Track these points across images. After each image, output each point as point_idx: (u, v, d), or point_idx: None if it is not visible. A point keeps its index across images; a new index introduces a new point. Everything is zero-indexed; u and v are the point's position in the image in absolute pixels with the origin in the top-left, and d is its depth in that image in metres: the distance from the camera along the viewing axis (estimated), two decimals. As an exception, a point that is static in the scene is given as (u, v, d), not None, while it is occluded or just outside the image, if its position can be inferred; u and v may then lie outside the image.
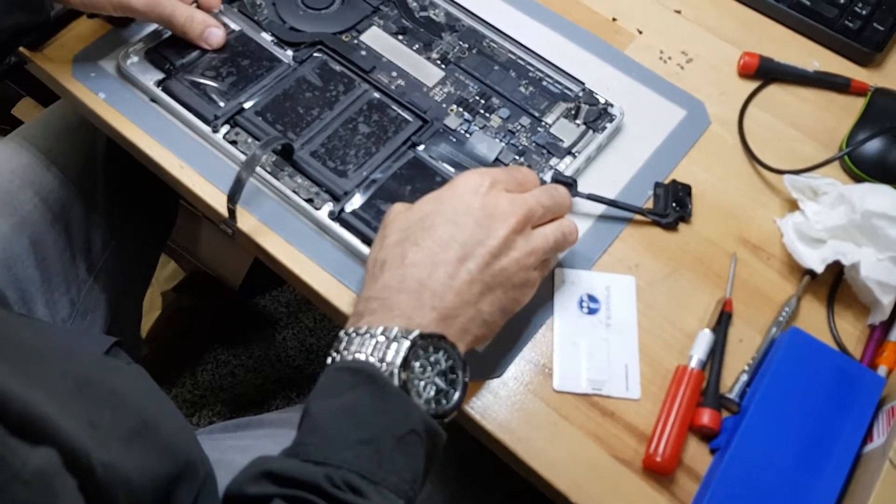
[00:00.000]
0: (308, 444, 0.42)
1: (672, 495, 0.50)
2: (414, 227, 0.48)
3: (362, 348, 0.44)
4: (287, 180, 0.58)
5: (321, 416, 0.43)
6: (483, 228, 0.48)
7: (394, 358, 0.44)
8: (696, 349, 0.54)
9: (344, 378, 0.44)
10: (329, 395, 0.43)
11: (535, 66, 0.65)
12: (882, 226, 0.54)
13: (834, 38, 0.70)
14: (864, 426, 0.51)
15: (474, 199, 0.49)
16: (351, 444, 0.41)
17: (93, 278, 0.74)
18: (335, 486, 0.39)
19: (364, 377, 0.43)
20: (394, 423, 0.42)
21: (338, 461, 0.41)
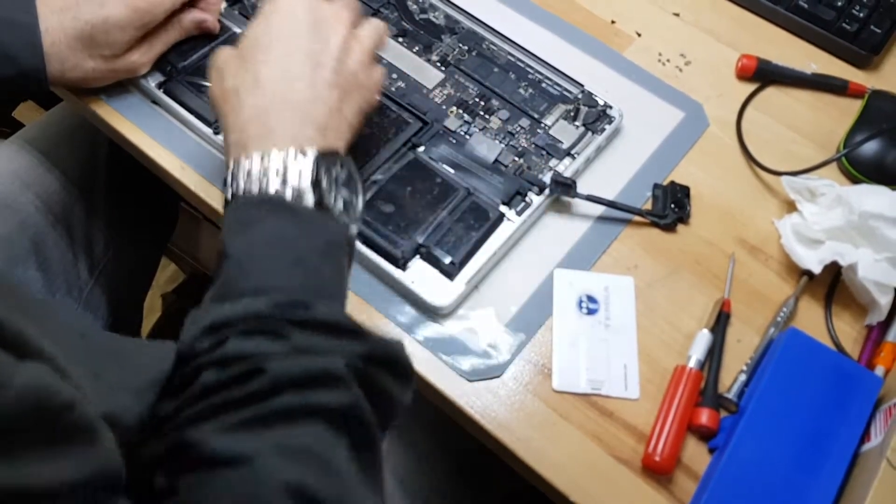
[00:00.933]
0: (239, 282, 0.42)
1: (671, 494, 0.51)
2: (251, 51, 0.48)
3: (258, 179, 0.44)
4: (287, 181, 0.58)
5: (242, 254, 0.42)
6: (319, 36, 0.49)
7: (299, 180, 0.44)
8: (694, 349, 0.55)
9: (250, 213, 0.43)
10: (241, 232, 0.43)
11: (535, 69, 0.65)
12: (879, 226, 0.55)
13: (831, 40, 0.70)
14: (861, 426, 0.51)
15: (299, 11, 0.49)
16: (282, 269, 0.42)
17: (94, 280, 0.75)
18: (283, 307, 0.40)
19: (271, 206, 0.43)
20: (311, 240, 0.43)
21: (277, 285, 0.41)
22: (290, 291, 0.41)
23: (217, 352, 0.39)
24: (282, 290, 0.41)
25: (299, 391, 0.38)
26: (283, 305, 0.40)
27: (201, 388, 0.38)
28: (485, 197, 0.58)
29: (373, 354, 0.41)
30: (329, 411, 0.38)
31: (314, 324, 0.40)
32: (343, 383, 0.39)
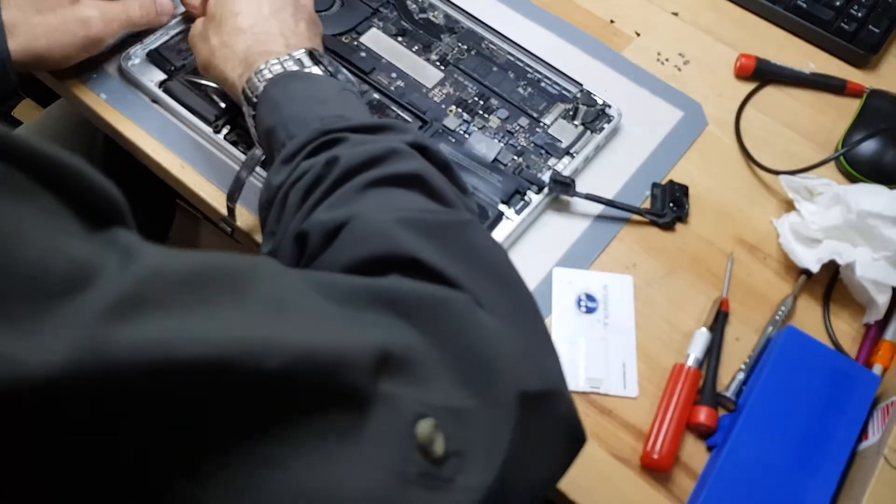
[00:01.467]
0: (289, 131, 0.46)
1: (669, 492, 0.51)
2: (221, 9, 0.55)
3: (273, 67, 0.50)
4: (287, 180, 0.59)
5: (281, 119, 0.47)
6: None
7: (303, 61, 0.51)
8: (693, 348, 0.55)
9: (273, 93, 0.49)
10: (274, 107, 0.48)
11: (534, 68, 0.66)
12: (877, 225, 0.55)
13: (830, 40, 0.70)
14: (859, 424, 0.51)
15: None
16: (316, 109, 0.47)
17: None
18: (328, 123, 0.44)
19: (289, 77, 0.49)
20: (332, 88, 0.49)
21: (318, 118, 0.46)
22: (330, 116, 0.46)
23: (292, 175, 0.43)
24: (323, 119, 0.46)
25: (375, 167, 0.41)
26: (329, 122, 0.45)
27: (293, 197, 0.42)
28: (484, 196, 0.58)
29: (417, 141, 0.44)
30: (406, 176, 0.41)
31: (361, 127, 0.44)
32: (409, 155, 0.42)
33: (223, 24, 0.54)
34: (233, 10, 0.55)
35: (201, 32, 0.56)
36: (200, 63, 0.56)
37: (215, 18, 0.55)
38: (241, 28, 0.54)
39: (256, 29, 0.54)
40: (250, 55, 0.53)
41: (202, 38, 0.56)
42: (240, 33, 0.54)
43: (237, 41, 0.54)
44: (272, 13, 0.55)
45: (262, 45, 0.53)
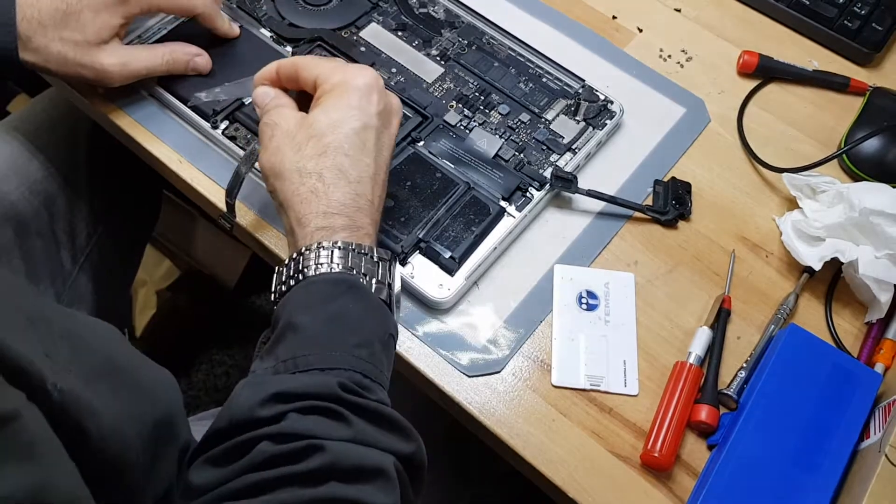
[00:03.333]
0: (308, 355, 0.43)
1: (669, 491, 0.50)
2: (328, 134, 0.49)
3: (340, 260, 0.47)
4: (286, 175, 0.58)
5: (313, 327, 0.44)
6: (385, 144, 0.51)
7: (384, 276, 0.48)
8: (694, 346, 0.54)
9: (326, 289, 0.46)
10: (314, 306, 0.45)
11: (535, 63, 0.65)
12: (880, 223, 0.55)
13: (833, 37, 0.70)
14: (860, 422, 0.51)
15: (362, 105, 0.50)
16: (349, 348, 0.44)
17: (78, 269, 0.74)
18: (347, 391, 0.41)
19: (346, 287, 0.46)
20: (378, 328, 0.46)
21: (344, 365, 0.43)
22: (355, 374, 0.43)
23: (278, 425, 0.40)
24: (349, 371, 0.43)
25: (351, 482, 0.39)
26: (348, 386, 0.42)
27: (258, 458, 0.39)
28: (485, 192, 0.58)
29: (414, 458, 0.43)
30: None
31: (373, 413, 0.42)
32: (391, 484, 0.40)
33: (329, 144, 0.49)
34: (345, 137, 0.49)
35: (291, 132, 0.50)
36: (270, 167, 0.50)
37: (317, 127, 0.49)
38: (353, 177, 0.48)
39: (360, 188, 0.49)
40: (336, 217, 0.48)
41: (289, 139, 0.49)
42: (343, 177, 0.48)
43: (339, 185, 0.48)
44: (382, 178, 0.50)
45: (353, 219, 0.48)
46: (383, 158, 0.51)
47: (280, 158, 0.49)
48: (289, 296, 0.47)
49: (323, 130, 0.49)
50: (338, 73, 0.51)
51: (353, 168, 0.49)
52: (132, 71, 0.58)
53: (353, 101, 0.50)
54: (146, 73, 0.59)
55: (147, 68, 0.59)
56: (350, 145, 0.49)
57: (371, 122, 0.50)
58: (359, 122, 0.49)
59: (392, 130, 0.52)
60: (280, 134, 0.50)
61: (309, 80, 0.52)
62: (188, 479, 0.40)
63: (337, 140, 0.49)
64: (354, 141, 0.49)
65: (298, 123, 0.50)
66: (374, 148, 0.50)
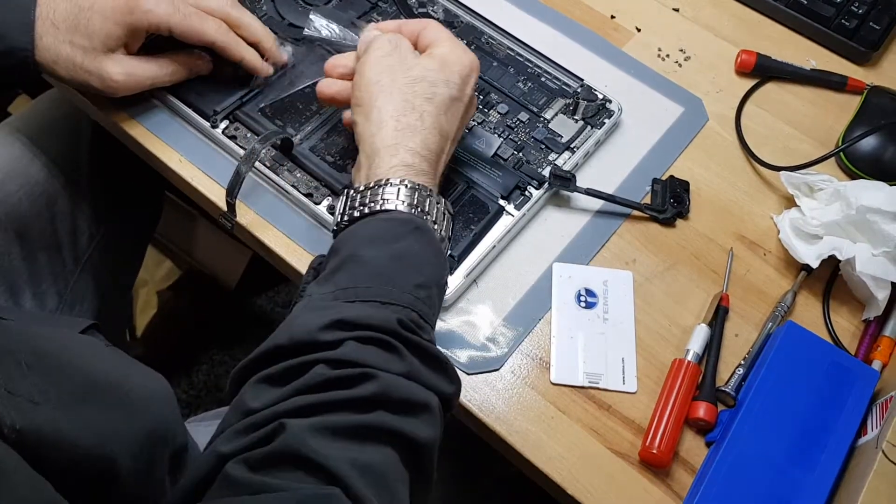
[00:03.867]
0: (370, 287, 0.44)
1: (667, 487, 0.51)
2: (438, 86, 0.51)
3: (417, 201, 0.48)
4: (286, 175, 0.58)
5: (379, 261, 0.45)
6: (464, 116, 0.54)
7: (447, 229, 0.50)
8: (692, 343, 0.55)
9: (395, 228, 0.47)
10: (382, 242, 0.46)
11: (534, 63, 0.65)
12: (877, 221, 0.55)
13: (830, 36, 0.70)
14: (857, 419, 0.51)
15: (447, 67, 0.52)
16: (411, 287, 0.45)
17: (80, 270, 0.74)
18: (404, 327, 0.43)
19: (414, 227, 0.47)
20: (438, 272, 0.47)
21: (404, 302, 0.44)
22: (412, 312, 0.44)
23: (336, 350, 0.41)
24: (406, 308, 0.44)
25: (399, 413, 0.40)
26: (405, 323, 0.43)
27: (313, 381, 0.40)
28: (484, 190, 0.58)
29: (452, 400, 0.44)
30: (415, 442, 0.40)
31: (425, 351, 0.43)
32: (434, 420, 0.42)
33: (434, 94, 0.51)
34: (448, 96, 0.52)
35: (408, 61, 0.52)
36: (378, 80, 0.51)
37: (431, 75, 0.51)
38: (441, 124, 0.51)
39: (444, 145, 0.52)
40: (418, 156, 0.49)
41: (405, 66, 0.51)
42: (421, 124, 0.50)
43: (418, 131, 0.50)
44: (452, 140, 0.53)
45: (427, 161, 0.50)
46: (459, 134, 0.54)
47: (393, 78, 0.51)
48: (356, 226, 0.48)
49: (435, 80, 0.51)
50: (453, 43, 0.53)
51: (447, 124, 0.51)
52: (137, 82, 0.58)
53: (460, 71, 0.52)
54: (150, 84, 0.59)
55: (152, 80, 0.59)
56: (448, 106, 0.51)
57: (463, 98, 0.53)
58: (458, 91, 0.52)
59: (466, 120, 0.55)
60: (398, 56, 0.52)
61: (425, 38, 0.54)
62: (242, 398, 0.42)
63: (441, 96, 0.51)
64: (450, 105, 0.52)
65: (416, 58, 0.52)
66: (459, 118, 0.53)
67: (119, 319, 0.92)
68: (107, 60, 0.56)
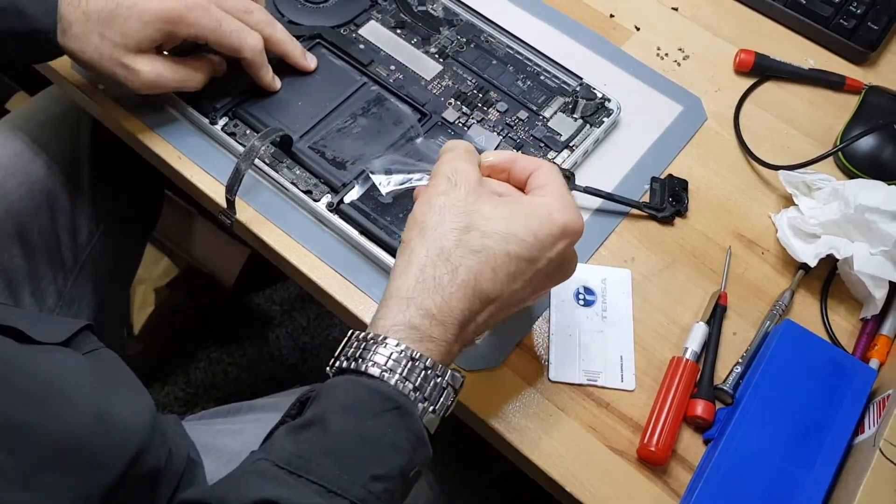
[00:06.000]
0: (321, 465, 0.39)
1: (665, 485, 0.51)
2: (492, 238, 0.44)
3: (410, 374, 0.42)
4: (286, 172, 0.58)
5: (342, 437, 0.40)
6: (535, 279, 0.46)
7: (443, 406, 0.43)
8: (690, 341, 0.55)
9: (372, 401, 0.41)
10: (354, 414, 0.41)
11: (533, 61, 0.66)
12: (875, 220, 0.55)
13: (829, 36, 0.71)
14: (855, 418, 0.51)
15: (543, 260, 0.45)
16: (366, 479, 0.39)
17: (79, 267, 0.74)
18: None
19: (392, 407, 0.41)
20: (409, 460, 0.41)
21: (352, 496, 0.39)
22: None
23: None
24: (353, 502, 0.39)
25: None
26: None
27: None
28: (483, 188, 0.58)
29: None
30: None
31: None
32: None
33: (484, 247, 0.43)
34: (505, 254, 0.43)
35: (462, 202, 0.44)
36: (420, 216, 0.45)
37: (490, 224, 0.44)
38: (479, 284, 0.43)
39: (478, 306, 0.43)
40: (435, 323, 0.42)
41: (456, 207, 0.44)
42: (470, 287, 0.43)
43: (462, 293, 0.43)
44: (501, 303, 0.44)
45: (457, 328, 0.43)
46: (522, 299, 0.46)
47: (438, 220, 0.44)
48: (340, 382, 0.42)
49: (492, 230, 0.43)
50: (556, 196, 0.45)
51: (488, 284, 0.43)
52: (164, 83, 0.57)
53: (541, 231, 0.44)
54: (175, 88, 0.58)
55: (179, 84, 0.57)
56: (503, 264, 0.43)
57: (539, 262, 0.44)
58: (527, 253, 0.44)
59: (548, 285, 0.47)
60: (454, 196, 0.45)
61: (532, 180, 0.47)
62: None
63: (495, 251, 0.43)
64: (509, 264, 0.43)
65: (477, 200, 0.45)
66: (523, 282, 0.45)
67: (118, 317, 0.92)
68: (138, 57, 0.55)
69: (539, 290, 0.47)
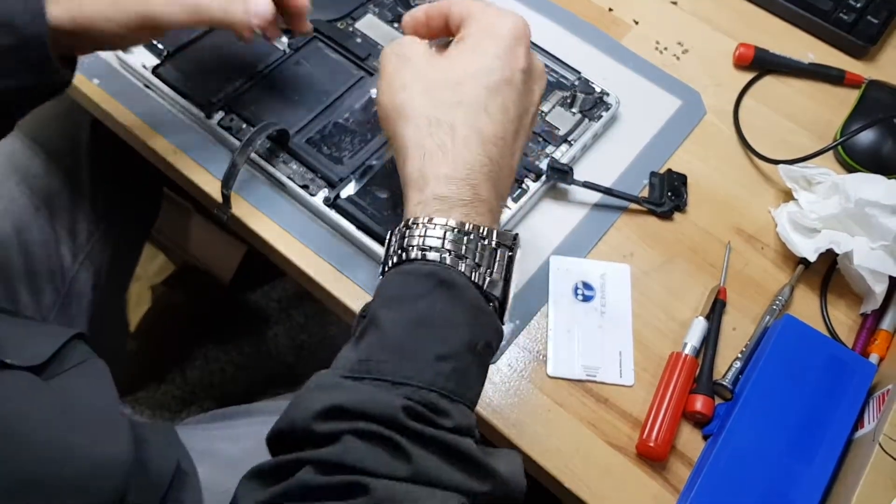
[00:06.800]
0: (382, 361, 0.38)
1: (665, 480, 0.51)
2: (465, 83, 0.43)
3: (449, 244, 0.40)
4: (282, 167, 0.58)
5: (396, 328, 0.38)
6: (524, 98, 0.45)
7: (500, 267, 0.41)
8: (690, 336, 0.54)
9: (414, 283, 0.39)
10: (401, 302, 0.39)
11: (531, 55, 0.65)
12: (875, 214, 0.55)
13: (828, 30, 0.70)
14: (854, 412, 0.51)
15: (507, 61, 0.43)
16: (430, 360, 0.38)
17: (77, 267, 0.74)
18: (414, 416, 0.36)
19: (437, 282, 0.39)
20: (471, 334, 0.39)
21: (419, 381, 0.37)
22: (430, 393, 0.37)
23: (329, 448, 0.36)
24: (423, 389, 0.37)
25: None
26: (415, 411, 0.36)
27: (298, 487, 0.35)
28: (481, 183, 0.58)
29: (493, 495, 0.37)
30: None
31: (440, 445, 0.36)
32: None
33: (463, 95, 0.42)
34: (484, 88, 0.42)
35: (421, 69, 0.44)
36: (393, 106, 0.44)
37: (454, 73, 0.43)
38: (487, 138, 0.42)
39: (493, 151, 0.42)
40: (463, 184, 0.41)
41: (419, 77, 0.44)
42: (479, 141, 0.42)
43: (472, 149, 0.41)
44: (518, 147, 0.44)
45: (477, 194, 0.41)
46: (524, 125, 0.44)
47: (408, 97, 0.43)
48: (386, 278, 0.41)
49: (460, 77, 0.43)
50: (486, 14, 0.44)
51: (489, 126, 0.42)
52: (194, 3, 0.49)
53: (496, 50, 0.43)
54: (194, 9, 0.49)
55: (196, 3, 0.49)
56: (489, 100, 0.42)
57: (515, 78, 0.43)
58: (500, 76, 0.43)
59: (534, 98, 0.46)
60: (409, 69, 0.44)
61: (455, 18, 0.46)
62: (237, 491, 0.37)
63: (475, 90, 0.42)
64: (494, 97, 0.43)
65: (430, 62, 0.44)
66: (514, 107, 0.43)
67: (116, 317, 0.92)
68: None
69: (531, 106, 0.46)
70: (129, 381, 1.18)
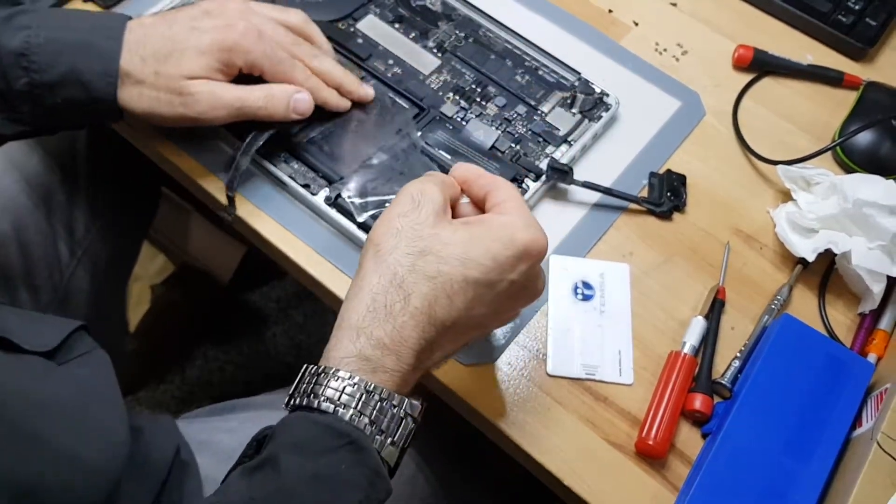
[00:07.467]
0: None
1: (663, 479, 0.51)
2: (449, 263, 0.42)
3: (364, 407, 0.40)
4: (283, 166, 0.58)
5: (294, 477, 0.39)
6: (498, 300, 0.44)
7: (402, 437, 0.42)
8: (689, 335, 0.55)
9: (325, 437, 0.40)
10: (305, 452, 0.39)
11: (532, 56, 0.65)
12: (873, 215, 0.55)
13: (827, 32, 0.71)
14: (853, 411, 0.51)
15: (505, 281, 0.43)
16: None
17: (75, 263, 0.74)
18: None
19: (346, 442, 0.40)
20: (366, 499, 0.39)
21: None
22: None
23: None
24: None
25: None
26: None
27: None
28: (481, 182, 0.58)
29: None
30: None
31: None
32: None
33: (439, 273, 0.42)
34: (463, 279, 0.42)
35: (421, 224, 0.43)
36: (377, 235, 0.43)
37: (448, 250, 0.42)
38: (434, 311, 0.41)
39: (432, 334, 0.42)
40: (388, 353, 0.41)
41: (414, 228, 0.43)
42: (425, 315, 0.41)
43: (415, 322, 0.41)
44: (463, 325, 0.43)
45: (411, 356, 0.41)
46: (477, 322, 0.44)
47: (394, 246, 0.42)
48: (292, 418, 0.41)
49: (450, 255, 0.42)
50: (516, 215, 0.44)
51: (444, 312, 0.42)
52: (219, 98, 0.53)
53: (499, 253, 0.42)
54: (239, 105, 0.54)
55: (240, 99, 0.54)
56: (460, 290, 0.42)
57: (500, 284, 0.43)
58: (485, 277, 0.42)
59: (511, 308, 0.46)
60: (415, 218, 0.43)
61: (492, 199, 0.45)
62: None
63: (453, 276, 0.42)
64: (466, 289, 0.42)
65: (437, 221, 0.43)
66: (482, 307, 0.43)
67: (115, 313, 0.92)
68: (193, 82, 0.53)
69: (503, 313, 0.45)
70: (128, 381, 1.18)
